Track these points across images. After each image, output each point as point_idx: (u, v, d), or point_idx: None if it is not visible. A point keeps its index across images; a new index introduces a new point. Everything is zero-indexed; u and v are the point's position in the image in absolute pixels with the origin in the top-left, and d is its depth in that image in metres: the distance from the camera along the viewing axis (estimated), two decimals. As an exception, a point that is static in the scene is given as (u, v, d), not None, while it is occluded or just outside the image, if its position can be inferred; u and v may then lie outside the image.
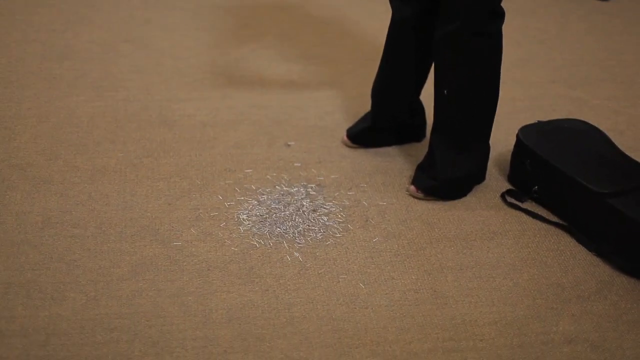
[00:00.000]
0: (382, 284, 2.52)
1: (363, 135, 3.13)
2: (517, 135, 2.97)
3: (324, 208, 2.81)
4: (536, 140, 2.94)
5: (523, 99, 3.51)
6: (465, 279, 2.57)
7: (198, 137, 3.12)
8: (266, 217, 2.75)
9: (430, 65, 3.00)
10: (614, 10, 4.45)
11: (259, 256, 2.59)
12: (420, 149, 3.12)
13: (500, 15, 2.69)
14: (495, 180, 3.01)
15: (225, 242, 2.63)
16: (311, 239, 2.67)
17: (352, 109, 3.35)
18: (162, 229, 2.67)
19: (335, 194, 2.88)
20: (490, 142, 2.92)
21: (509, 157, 3.06)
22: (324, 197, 2.86)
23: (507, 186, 2.98)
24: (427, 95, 3.09)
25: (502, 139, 3.17)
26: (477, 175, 2.94)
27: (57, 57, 3.59)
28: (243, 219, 2.74)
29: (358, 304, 2.44)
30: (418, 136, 3.17)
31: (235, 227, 2.70)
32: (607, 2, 4.49)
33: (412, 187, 2.90)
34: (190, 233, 2.66)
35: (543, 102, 3.49)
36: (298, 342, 2.30)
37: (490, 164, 3.05)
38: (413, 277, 2.55)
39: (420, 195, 2.89)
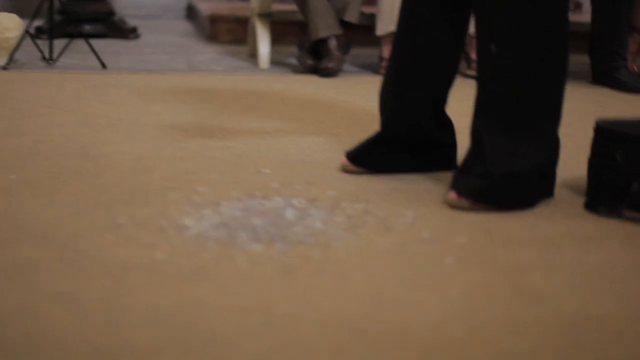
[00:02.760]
0: (422, 287, 1.48)
1: (370, 153, 2.16)
2: (597, 126, 2.02)
3: (318, 217, 1.80)
4: (626, 125, 2.00)
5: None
6: (562, 277, 1.54)
7: (130, 167, 2.14)
8: (228, 223, 1.73)
9: (461, 46, 2.12)
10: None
11: (214, 257, 1.56)
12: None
13: None
14: (569, 199, 2.03)
15: (155, 245, 1.60)
16: (299, 242, 1.65)
17: (347, 147, 2.38)
18: (59, 234, 1.64)
19: (335, 208, 1.87)
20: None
21: (576, 180, 2.09)
22: (317, 209, 1.86)
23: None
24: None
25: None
26: (545, 175, 1.97)
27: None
28: (189, 225, 1.72)
29: (385, 305, 1.39)
30: (448, 161, 2.19)
31: (176, 234, 1.67)
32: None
33: (453, 194, 1.91)
34: (104, 238, 1.63)
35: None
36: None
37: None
38: (479, 276, 1.52)
39: (465, 203, 1.89)
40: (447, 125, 2.19)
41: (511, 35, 1.88)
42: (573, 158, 2.20)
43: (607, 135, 1.97)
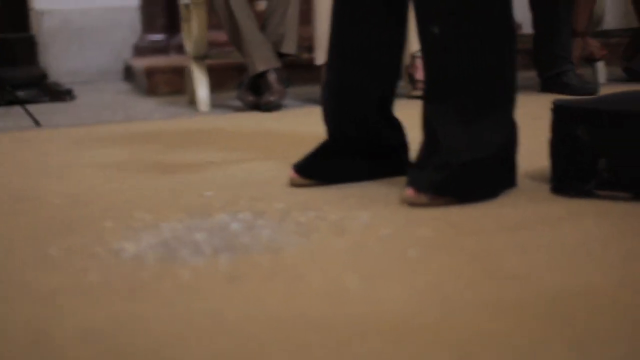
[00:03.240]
0: (385, 280, 1.34)
1: (319, 163, 2.02)
2: (555, 106, 1.90)
3: (266, 227, 1.65)
4: (583, 102, 1.89)
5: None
6: (537, 257, 1.41)
7: (65, 204, 1.97)
8: (168, 242, 1.58)
9: (403, 41, 2.01)
10: None
11: (153, 275, 1.40)
12: (409, 181, 2.01)
13: None
14: (533, 187, 1.90)
15: (88, 269, 1.45)
16: (246, 251, 1.50)
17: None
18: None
19: (284, 218, 1.73)
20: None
21: (538, 170, 1.98)
22: (265, 220, 1.71)
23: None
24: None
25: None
26: (505, 161, 1.84)
27: None
28: (126, 248, 1.56)
29: (349, 299, 1.25)
30: (401, 163, 2.05)
31: (111, 257, 1.52)
32: None
33: (410, 190, 1.77)
34: (33, 268, 1.47)
35: None
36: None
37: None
38: (447, 264, 1.38)
39: (424, 198, 1.75)
40: (396, 125, 2.06)
41: (452, 12, 1.77)
42: (533, 153, 2.08)
43: (566, 114, 1.86)
